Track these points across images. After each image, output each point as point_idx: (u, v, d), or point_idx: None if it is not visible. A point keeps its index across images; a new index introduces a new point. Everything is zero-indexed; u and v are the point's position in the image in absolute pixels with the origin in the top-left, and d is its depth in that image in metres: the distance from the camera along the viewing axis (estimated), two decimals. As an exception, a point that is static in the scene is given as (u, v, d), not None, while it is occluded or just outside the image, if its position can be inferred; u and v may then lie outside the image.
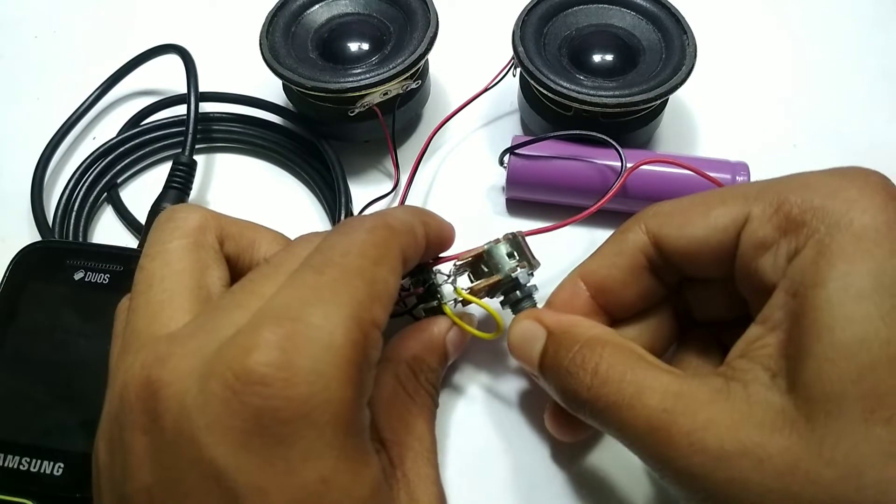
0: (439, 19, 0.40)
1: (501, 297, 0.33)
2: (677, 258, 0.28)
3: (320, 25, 0.42)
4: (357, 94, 0.38)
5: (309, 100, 0.41)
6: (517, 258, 0.32)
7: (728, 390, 0.23)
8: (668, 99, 0.40)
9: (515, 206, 0.41)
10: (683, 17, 0.40)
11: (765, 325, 0.24)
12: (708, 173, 0.36)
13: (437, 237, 0.30)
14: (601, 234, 0.40)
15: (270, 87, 0.44)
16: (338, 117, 0.40)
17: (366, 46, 0.40)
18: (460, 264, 0.32)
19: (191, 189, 0.40)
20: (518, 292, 0.32)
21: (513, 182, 0.39)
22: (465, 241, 0.40)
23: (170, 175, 0.39)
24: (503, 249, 0.32)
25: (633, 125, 0.40)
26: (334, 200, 0.40)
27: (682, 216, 0.28)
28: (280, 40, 0.40)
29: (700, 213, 0.27)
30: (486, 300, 0.33)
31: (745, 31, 0.50)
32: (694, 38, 0.39)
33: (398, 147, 0.42)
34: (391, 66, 0.38)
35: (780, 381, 0.23)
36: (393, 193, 0.41)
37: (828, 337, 0.22)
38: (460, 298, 0.32)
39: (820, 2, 0.52)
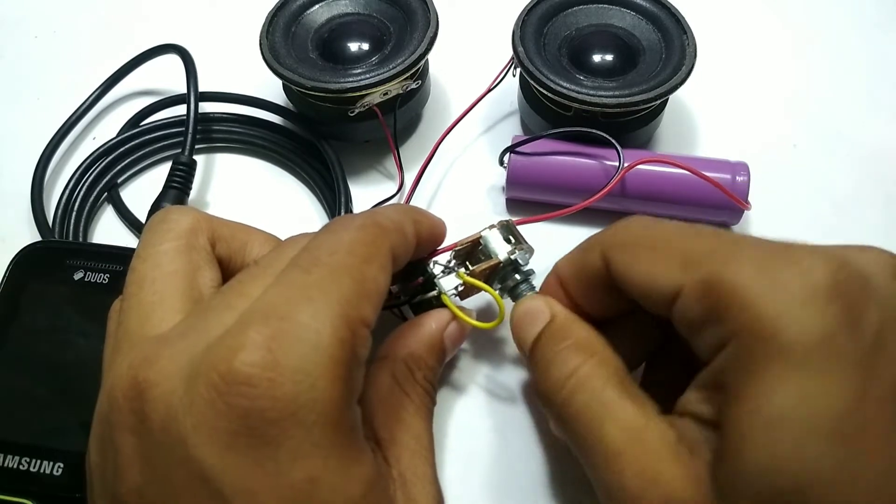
0: (439, 19, 0.40)
1: (499, 286, 0.33)
2: (627, 292, 0.26)
3: (320, 25, 0.42)
4: (357, 94, 0.38)
5: (309, 100, 0.41)
6: (513, 242, 0.32)
7: (677, 451, 0.23)
8: (668, 99, 0.40)
9: (515, 205, 0.41)
10: (683, 17, 0.40)
11: (700, 394, 0.24)
12: (706, 174, 0.36)
13: (428, 234, 0.30)
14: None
15: (270, 87, 0.44)
16: (338, 117, 0.40)
17: (366, 46, 0.40)
18: (457, 251, 0.32)
19: (190, 189, 0.40)
20: (517, 275, 0.32)
21: (513, 182, 0.39)
22: (460, 231, 0.40)
23: (169, 175, 0.39)
24: (499, 234, 0.32)
25: (633, 125, 0.40)
26: (334, 200, 0.40)
27: (632, 254, 0.26)
28: (280, 40, 0.40)
29: (646, 259, 0.25)
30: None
31: (746, 31, 0.50)
32: (694, 38, 0.39)
33: (398, 147, 0.42)
34: (391, 67, 0.38)
35: (710, 460, 0.22)
36: (398, 196, 0.41)
37: (739, 460, 0.21)
38: (461, 289, 0.32)
39: (820, 2, 0.52)
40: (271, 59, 0.39)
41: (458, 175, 0.43)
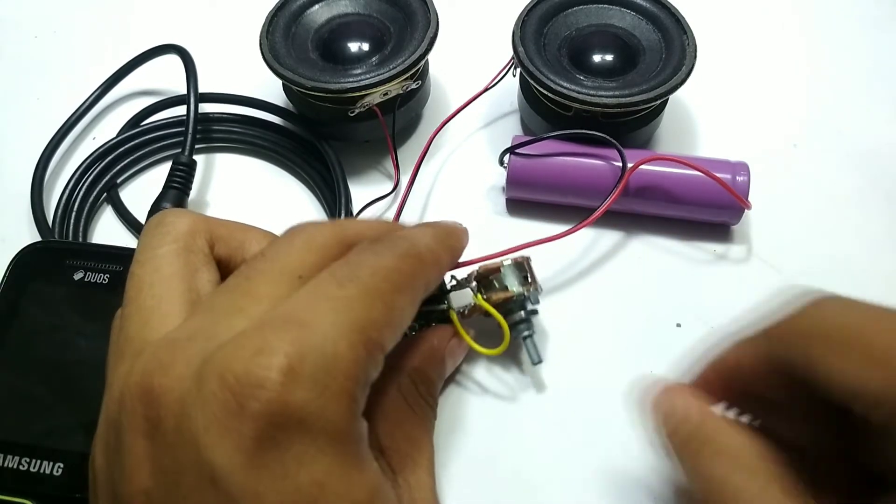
0: (439, 19, 0.40)
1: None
2: (823, 392, 0.23)
3: (320, 25, 0.42)
4: (357, 94, 0.38)
5: (309, 100, 0.40)
6: (528, 279, 0.33)
7: None
8: (668, 99, 0.40)
9: (515, 206, 0.41)
10: (683, 17, 0.40)
11: None
12: (712, 171, 0.36)
13: (457, 258, 0.30)
14: (603, 235, 0.40)
15: (270, 88, 0.44)
16: (338, 117, 0.40)
17: (366, 47, 0.40)
18: (473, 274, 0.33)
19: (190, 189, 0.40)
20: (522, 312, 0.33)
21: (513, 182, 0.39)
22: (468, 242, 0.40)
23: (169, 175, 0.39)
24: (515, 268, 0.33)
25: (633, 125, 0.40)
26: (334, 201, 0.40)
27: (837, 353, 0.22)
28: (280, 40, 0.40)
29: (858, 360, 0.22)
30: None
31: (745, 31, 0.50)
32: (694, 38, 0.39)
33: (398, 147, 0.42)
34: (391, 67, 0.38)
35: None
36: (393, 194, 0.41)
37: None
38: (469, 308, 0.33)
39: (820, 2, 0.52)
40: (271, 59, 0.39)
41: (459, 175, 0.43)
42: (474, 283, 0.33)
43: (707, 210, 0.38)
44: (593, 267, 0.39)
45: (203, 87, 0.42)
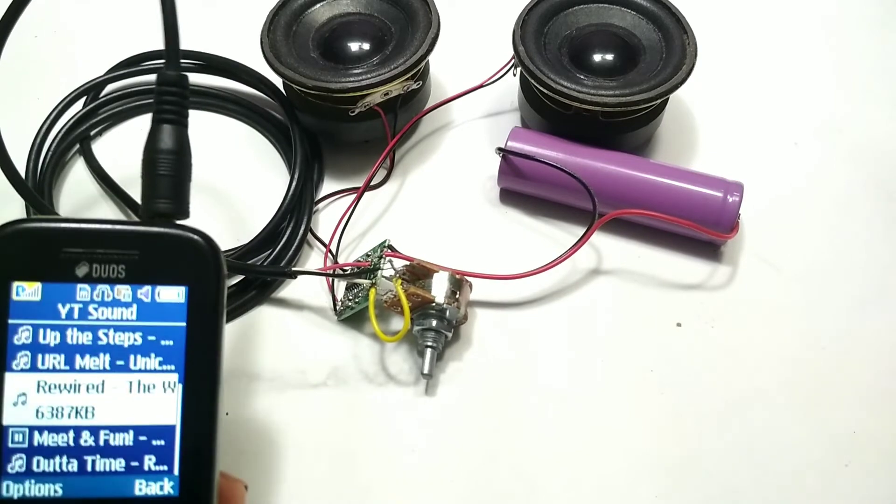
0: (440, 20, 0.40)
1: (413, 318, 0.34)
2: None
3: (321, 25, 0.42)
4: (358, 94, 0.38)
5: (309, 99, 0.41)
6: (456, 298, 0.34)
7: None
8: (668, 98, 0.40)
9: (507, 196, 0.41)
10: (684, 17, 0.40)
11: None
12: (695, 192, 0.36)
13: None
14: (603, 234, 0.40)
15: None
16: (338, 117, 0.40)
17: (367, 46, 0.40)
18: (413, 266, 0.34)
19: (188, 117, 0.27)
20: (434, 321, 0.34)
21: (505, 172, 0.39)
22: (457, 229, 0.40)
23: (156, 105, 0.27)
24: (448, 282, 0.34)
25: (633, 124, 0.40)
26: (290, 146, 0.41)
27: None
28: (281, 39, 0.40)
29: None
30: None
31: (746, 30, 0.50)
32: (694, 38, 0.39)
33: (398, 147, 0.42)
34: (392, 67, 0.38)
35: None
36: (386, 184, 0.42)
37: None
38: (391, 296, 0.34)
39: (821, 2, 0.52)
40: (272, 57, 0.39)
41: (458, 173, 0.43)
42: (402, 267, 0.34)
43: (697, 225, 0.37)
44: (594, 266, 0.39)
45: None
